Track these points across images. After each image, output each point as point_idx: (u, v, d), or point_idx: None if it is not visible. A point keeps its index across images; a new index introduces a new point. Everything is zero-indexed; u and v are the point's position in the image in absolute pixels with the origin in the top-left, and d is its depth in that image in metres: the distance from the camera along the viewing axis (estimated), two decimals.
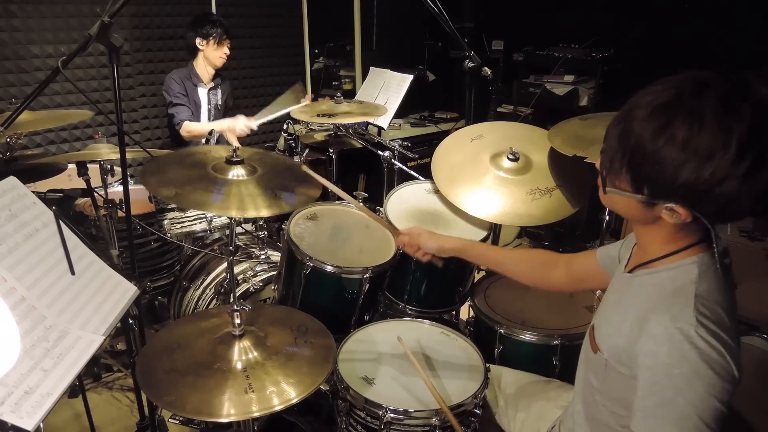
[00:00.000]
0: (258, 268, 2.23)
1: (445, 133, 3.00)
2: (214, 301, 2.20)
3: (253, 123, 3.06)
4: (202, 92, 3.18)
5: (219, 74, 3.24)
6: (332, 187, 1.74)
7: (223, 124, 3.05)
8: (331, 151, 2.89)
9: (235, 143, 3.33)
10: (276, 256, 2.30)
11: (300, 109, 2.78)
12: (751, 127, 0.81)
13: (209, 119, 3.23)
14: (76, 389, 2.17)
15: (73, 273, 1.21)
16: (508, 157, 1.93)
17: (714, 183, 0.84)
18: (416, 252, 1.60)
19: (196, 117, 3.18)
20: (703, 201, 0.87)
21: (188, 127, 3.06)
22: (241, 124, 3.04)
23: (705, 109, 0.82)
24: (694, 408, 0.87)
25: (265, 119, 3.07)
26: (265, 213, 1.52)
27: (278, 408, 1.18)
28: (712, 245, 0.97)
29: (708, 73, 0.86)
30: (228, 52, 3.15)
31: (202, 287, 2.31)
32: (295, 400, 1.20)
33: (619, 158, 0.94)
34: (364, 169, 2.89)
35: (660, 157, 0.86)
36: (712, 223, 0.92)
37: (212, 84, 3.21)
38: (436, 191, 2.09)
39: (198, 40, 3.07)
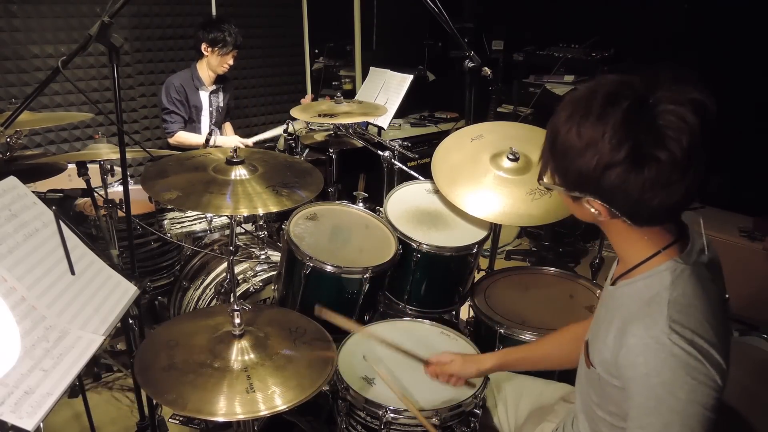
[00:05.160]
0: (258, 268, 2.23)
1: (445, 133, 3.00)
2: (214, 301, 2.20)
3: (247, 141, 3.09)
4: (204, 95, 3.17)
5: (222, 77, 3.21)
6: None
7: (217, 141, 3.04)
8: (331, 151, 2.88)
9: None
10: (276, 256, 2.30)
11: (300, 108, 2.78)
12: (626, 116, 0.87)
13: (211, 121, 3.22)
14: (76, 389, 2.17)
15: (73, 273, 1.21)
16: (508, 157, 1.92)
17: (602, 169, 0.89)
18: (449, 380, 1.46)
19: (197, 120, 3.17)
20: (601, 191, 0.92)
21: (180, 137, 3.06)
22: (235, 142, 3.04)
23: (594, 103, 0.91)
24: (678, 415, 0.86)
25: (260, 138, 3.10)
26: (273, 208, 1.54)
27: (281, 408, 1.18)
28: (686, 245, 0.98)
29: (615, 75, 0.94)
30: (232, 62, 3.10)
31: (202, 287, 2.31)
32: (295, 402, 1.20)
33: (547, 149, 1.01)
34: (364, 169, 2.88)
35: (567, 145, 0.94)
36: (635, 222, 0.95)
37: (214, 87, 3.19)
38: (436, 191, 2.09)
39: (204, 45, 3.01)
